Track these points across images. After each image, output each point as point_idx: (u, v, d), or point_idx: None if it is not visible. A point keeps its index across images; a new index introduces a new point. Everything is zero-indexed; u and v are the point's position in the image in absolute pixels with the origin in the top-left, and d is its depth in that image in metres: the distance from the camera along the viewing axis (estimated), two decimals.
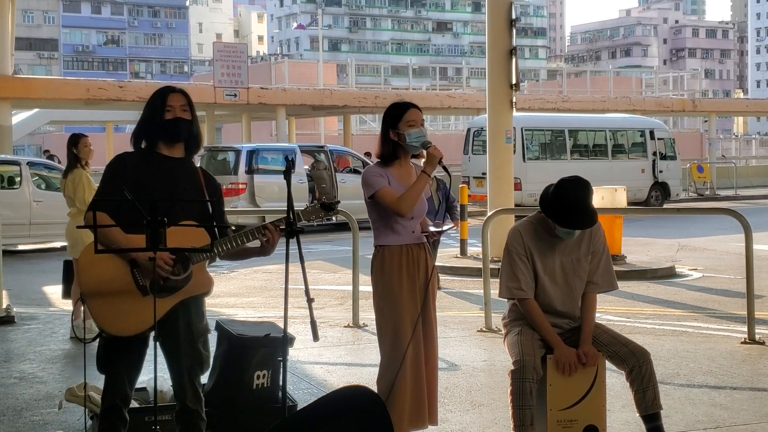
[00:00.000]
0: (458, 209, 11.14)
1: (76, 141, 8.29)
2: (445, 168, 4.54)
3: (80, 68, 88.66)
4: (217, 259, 3.94)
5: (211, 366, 4.64)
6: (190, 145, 3.98)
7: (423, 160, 4.45)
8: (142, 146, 3.95)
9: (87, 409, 4.69)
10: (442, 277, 11.51)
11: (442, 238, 9.86)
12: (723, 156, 42.70)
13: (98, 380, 4.03)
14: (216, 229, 3.86)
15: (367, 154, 21.39)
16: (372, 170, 4.46)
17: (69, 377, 6.39)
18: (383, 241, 4.43)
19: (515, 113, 13.11)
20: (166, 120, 3.88)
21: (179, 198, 3.84)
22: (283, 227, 3.83)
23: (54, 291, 11.28)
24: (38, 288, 11.59)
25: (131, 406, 4.07)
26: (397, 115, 4.43)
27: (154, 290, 3.67)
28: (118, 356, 3.81)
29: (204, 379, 4.65)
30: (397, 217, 4.37)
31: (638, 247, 14.47)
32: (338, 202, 4.21)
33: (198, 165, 4.08)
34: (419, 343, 4.39)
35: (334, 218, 19.12)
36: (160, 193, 3.76)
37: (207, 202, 3.92)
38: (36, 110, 34.53)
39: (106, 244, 3.70)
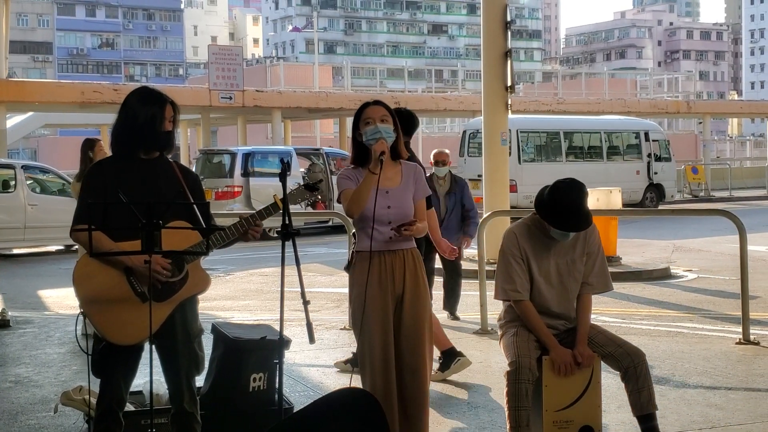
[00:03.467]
0: (476, 222, 8.53)
1: (92, 145, 8.30)
2: (381, 162, 4.15)
3: (75, 71, 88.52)
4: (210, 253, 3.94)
5: (206, 368, 4.65)
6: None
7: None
8: (120, 150, 3.90)
9: (84, 413, 4.69)
10: (438, 279, 11.16)
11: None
12: (717, 157, 42.77)
13: (93, 383, 4.02)
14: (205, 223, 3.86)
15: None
16: (343, 172, 4.34)
17: (64, 381, 6.39)
18: (358, 247, 4.30)
19: (510, 115, 13.13)
20: (167, 132, 3.88)
21: (171, 200, 3.82)
22: (272, 211, 3.86)
23: (49, 295, 11.27)
24: (33, 292, 11.57)
25: (127, 409, 4.08)
26: (358, 115, 4.31)
27: (150, 295, 3.66)
28: (115, 360, 3.81)
29: (200, 381, 4.65)
30: (369, 221, 4.21)
31: (633, 249, 14.49)
32: (321, 181, 4.21)
33: (173, 160, 4.04)
34: (389, 352, 4.23)
35: (330, 221, 19.27)
36: (143, 196, 3.73)
37: (193, 203, 3.91)
38: (30, 114, 34.49)
39: (98, 251, 3.68)
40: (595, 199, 11.99)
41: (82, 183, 3.94)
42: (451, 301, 8.97)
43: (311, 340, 3.81)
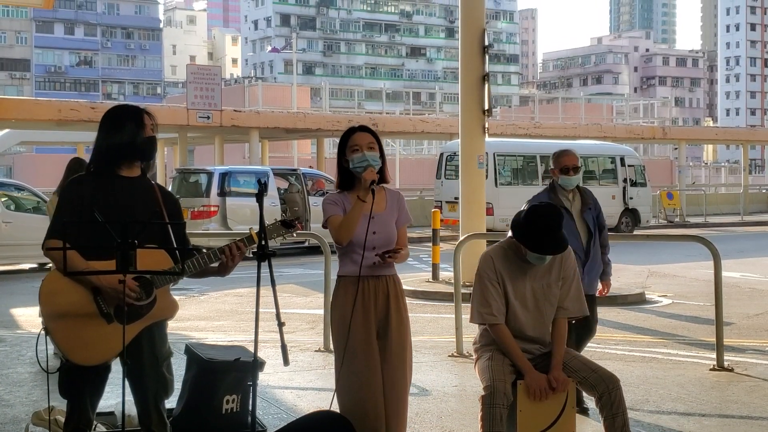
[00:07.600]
0: (608, 258, 6.40)
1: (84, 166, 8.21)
2: (373, 192, 4.19)
3: (52, 89, 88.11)
4: (180, 281, 3.90)
5: (179, 389, 4.60)
6: (149, 164, 3.98)
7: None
8: (99, 169, 3.87)
9: None
10: (413, 301, 11.27)
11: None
12: (693, 183, 43.16)
13: (63, 404, 3.97)
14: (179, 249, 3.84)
15: None
16: (328, 198, 4.36)
17: (36, 401, 6.30)
18: (341, 271, 4.32)
19: (487, 138, 13.20)
20: (150, 137, 3.87)
21: (148, 220, 3.79)
22: (247, 244, 3.83)
23: (22, 313, 11.14)
24: (6, 310, 11.43)
25: (99, 430, 4.03)
26: (344, 140, 4.33)
27: (123, 316, 3.62)
28: (81, 382, 3.77)
29: (172, 403, 4.61)
30: (355, 246, 4.22)
31: None
32: (298, 218, 4.18)
33: (154, 182, 4.02)
34: (374, 377, 4.22)
35: (306, 242, 19.23)
36: (120, 215, 3.69)
37: (169, 222, 3.88)
38: (7, 131, 34.22)
39: (70, 269, 3.63)
40: None
41: (59, 198, 3.91)
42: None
43: (286, 362, 3.78)
